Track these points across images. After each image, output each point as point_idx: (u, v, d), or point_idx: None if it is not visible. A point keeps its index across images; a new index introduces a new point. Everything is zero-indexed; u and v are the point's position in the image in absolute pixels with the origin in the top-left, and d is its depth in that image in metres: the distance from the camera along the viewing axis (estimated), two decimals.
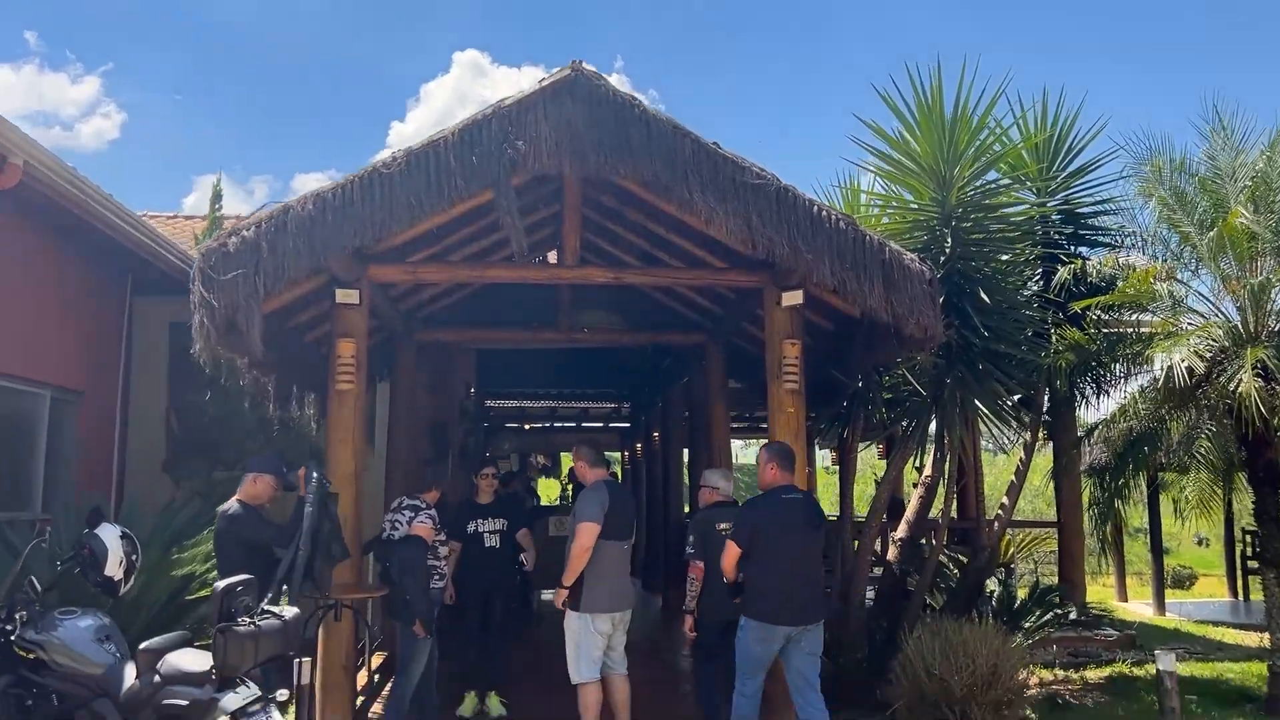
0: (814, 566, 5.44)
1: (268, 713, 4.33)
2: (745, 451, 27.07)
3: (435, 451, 11.67)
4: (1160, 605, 13.14)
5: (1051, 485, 11.01)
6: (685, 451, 13.66)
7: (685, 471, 14.63)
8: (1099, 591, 14.60)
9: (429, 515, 5.97)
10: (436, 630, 6.71)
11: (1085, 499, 9.75)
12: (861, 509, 17.54)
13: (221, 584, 4.39)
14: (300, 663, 5.42)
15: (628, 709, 5.71)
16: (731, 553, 5.41)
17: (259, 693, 4.34)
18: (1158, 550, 13.57)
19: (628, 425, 20.04)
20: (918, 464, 8.00)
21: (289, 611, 4.52)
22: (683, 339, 9.28)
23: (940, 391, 6.64)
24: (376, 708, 6.91)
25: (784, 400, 6.48)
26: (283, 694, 4.45)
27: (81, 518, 5.15)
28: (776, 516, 5.37)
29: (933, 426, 7.21)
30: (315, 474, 5.35)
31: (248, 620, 4.32)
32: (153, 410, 9.43)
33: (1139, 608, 13.62)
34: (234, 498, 5.52)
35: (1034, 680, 6.65)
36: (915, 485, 9.50)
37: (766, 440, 6.19)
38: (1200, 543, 24.14)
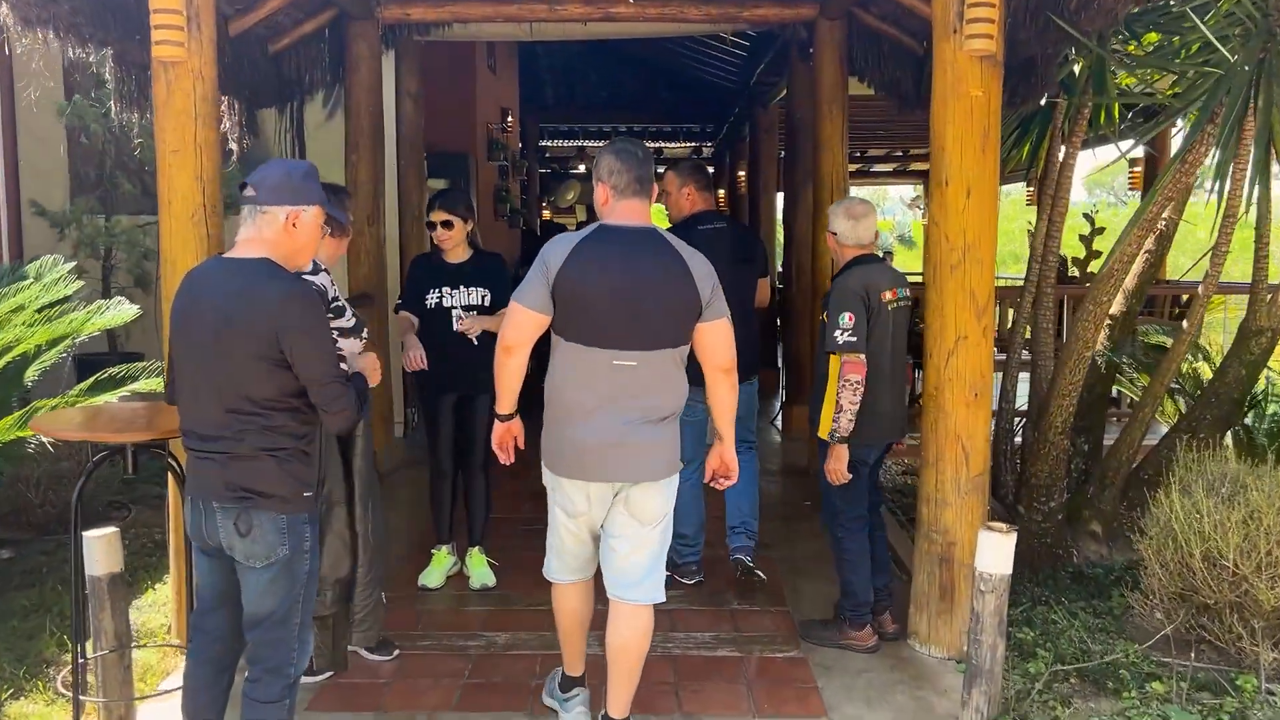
0: (741, 316, 3.63)
1: None
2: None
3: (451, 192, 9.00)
4: None
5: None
6: (779, 197, 10.76)
7: (779, 224, 11.79)
8: None
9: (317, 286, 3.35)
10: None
11: None
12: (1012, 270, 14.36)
13: None
14: (95, 540, 3.10)
15: (633, 658, 2.99)
16: None
17: None
18: None
19: (711, 171, 17.00)
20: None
21: None
22: (779, 13, 6.13)
23: (1270, 55, 3.52)
24: None
25: (964, 74, 3.52)
26: None
27: None
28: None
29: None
30: None
31: None
32: (52, 136, 6.92)
33: None
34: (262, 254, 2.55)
35: None
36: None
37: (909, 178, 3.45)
38: None
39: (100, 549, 3.08)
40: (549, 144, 15.01)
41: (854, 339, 3.52)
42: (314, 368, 2.47)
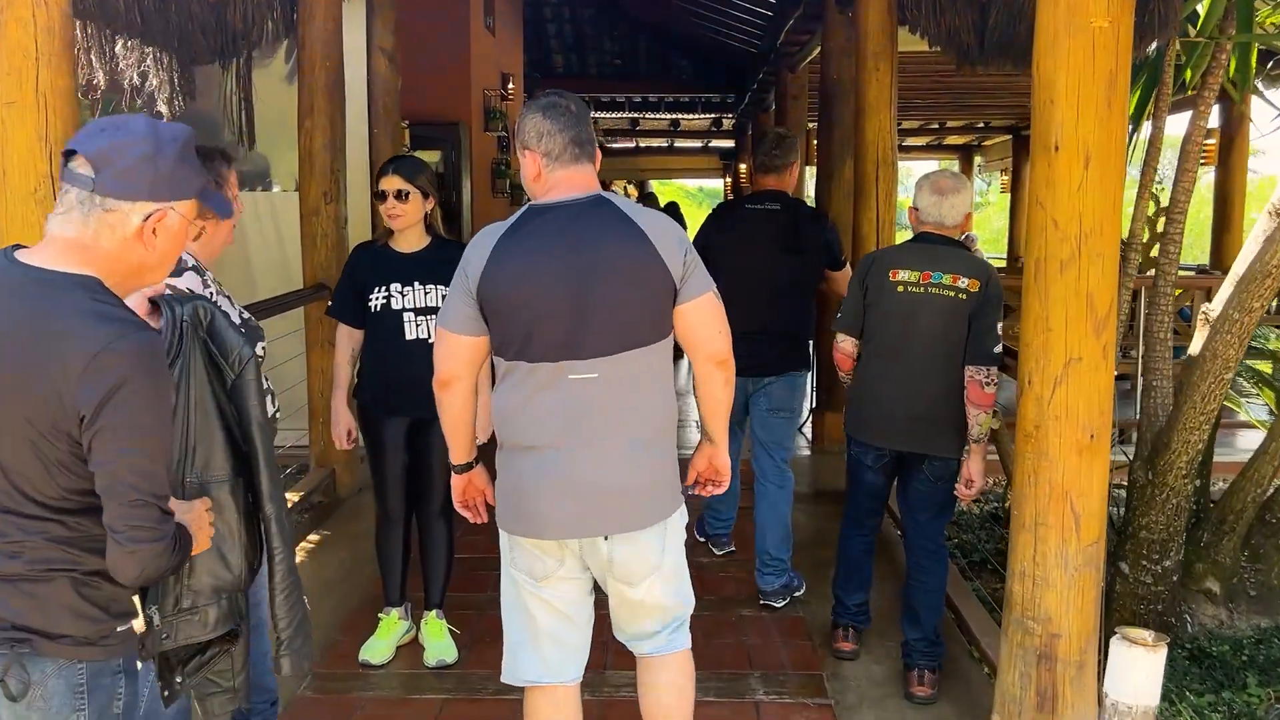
0: (781, 306, 3.75)
1: None
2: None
3: (445, 168, 8.08)
4: None
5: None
6: (809, 172, 9.84)
7: (809, 202, 10.83)
8: None
9: (193, 270, 2.37)
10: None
11: None
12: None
13: None
14: None
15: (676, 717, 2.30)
16: None
17: None
18: None
19: (732, 145, 15.98)
20: None
21: None
22: None
23: None
24: None
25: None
26: None
27: None
28: (731, 231, 3.77)
29: None
30: None
31: None
32: None
33: None
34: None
35: None
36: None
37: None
38: None
39: None
40: None
41: (839, 315, 3.32)
42: (121, 469, 1.48)
